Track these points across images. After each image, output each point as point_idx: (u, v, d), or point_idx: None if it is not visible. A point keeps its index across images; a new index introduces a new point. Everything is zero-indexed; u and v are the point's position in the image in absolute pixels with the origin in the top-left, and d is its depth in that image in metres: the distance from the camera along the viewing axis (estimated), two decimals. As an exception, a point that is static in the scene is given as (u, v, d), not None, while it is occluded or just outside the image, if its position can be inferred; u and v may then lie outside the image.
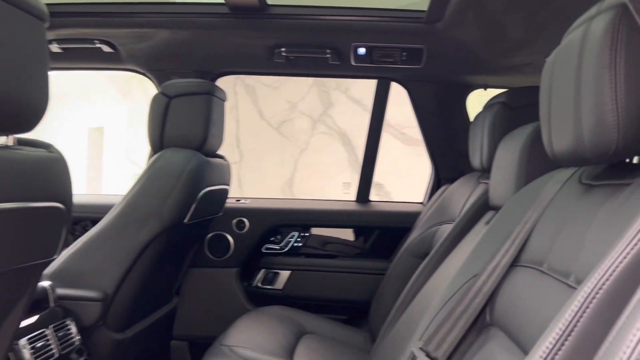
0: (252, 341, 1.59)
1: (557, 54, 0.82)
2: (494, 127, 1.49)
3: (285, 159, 5.81)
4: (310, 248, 2.14)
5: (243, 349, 1.52)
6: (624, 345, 0.42)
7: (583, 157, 0.74)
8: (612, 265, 0.54)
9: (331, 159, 5.47)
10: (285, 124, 5.88)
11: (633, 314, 0.43)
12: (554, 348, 0.54)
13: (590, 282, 0.55)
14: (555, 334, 0.55)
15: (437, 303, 1.06)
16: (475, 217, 1.38)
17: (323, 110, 5.63)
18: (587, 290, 0.54)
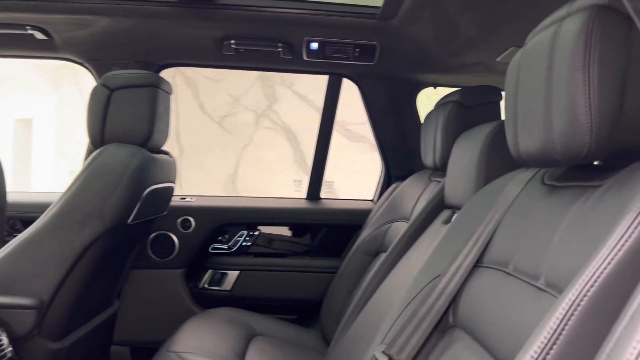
0: (201, 346, 1.53)
1: (524, 55, 0.82)
2: (448, 125, 1.49)
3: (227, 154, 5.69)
4: (259, 247, 2.09)
5: (191, 354, 1.45)
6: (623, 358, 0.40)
7: (552, 159, 0.74)
8: (595, 272, 0.53)
9: (276, 155, 5.41)
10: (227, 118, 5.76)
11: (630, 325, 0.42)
12: (539, 357, 0.53)
13: (575, 289, 0.53)
14: (540, 342, 0.53)
15: (399, 304, 1.04)
16: (431, 215, 1.38)
17: (267, 105, 5.56)
18: (571, 298, 0.53)
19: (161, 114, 1.58)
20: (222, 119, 5.73)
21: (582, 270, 0.55)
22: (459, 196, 1.22)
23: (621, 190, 0.63)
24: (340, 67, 1.87)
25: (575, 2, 0.73)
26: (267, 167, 5.49)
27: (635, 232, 0.52)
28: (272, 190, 5.25)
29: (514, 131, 0.84)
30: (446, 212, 1.33)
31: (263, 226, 2.09)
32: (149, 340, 1.97)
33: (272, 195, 5.33)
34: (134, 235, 1.73)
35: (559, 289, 0.66)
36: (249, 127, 5.69)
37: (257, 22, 1.64)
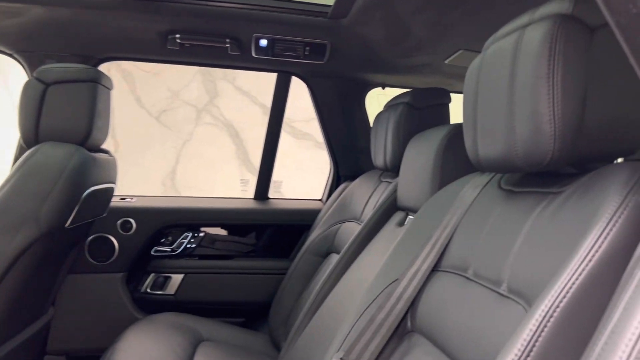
0: (145, 354, 1.46)
1: (485, 60, 0.82)
2: (399, 127, 1.49)
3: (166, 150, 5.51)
4: (204, 249, 2.02)
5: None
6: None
7: (514, 165, 0.74)
8: (567, 283, 0.53)
9: (218, 152, 5.30)
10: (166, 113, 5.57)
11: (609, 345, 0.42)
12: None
13: (547, 300, 0.54)
14: (514, 355, 0.53)
15: (356, 309, 1.03)
16: (384, 217, 1.38)
17: (208, 100, 5.42)
18: (543, 309, 0.53)
19: (101, 111, 1.49)
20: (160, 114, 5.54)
21: (553, 281, 0.55)
22: (413, 199, 1.23)
23: (583, 198, 0.64)
24: (289, 65, 1.84)
25: (538, 10, 0.73)
26: (208, 164, 5.36)
27: (605, 243, 0.53)
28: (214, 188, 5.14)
29: (473, 136, 0.84)
30: (399, 214, 1.33)
31: (208, 227, 2.02)
32: (86, 349, 1.87)
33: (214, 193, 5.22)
34: (71, 239, 1.63)
35: (522, 295, 0.66)
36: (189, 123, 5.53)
37: (204, 16, 1.58)
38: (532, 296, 0.64)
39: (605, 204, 0.56)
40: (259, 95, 5.22)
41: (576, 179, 0.70)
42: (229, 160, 5.28)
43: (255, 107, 5.27)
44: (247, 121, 5.31)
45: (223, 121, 5.38)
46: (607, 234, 0.53)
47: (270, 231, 2.09)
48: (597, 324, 0.49)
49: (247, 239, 2.08)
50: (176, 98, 5.51)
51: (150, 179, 5.35)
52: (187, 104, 5.51)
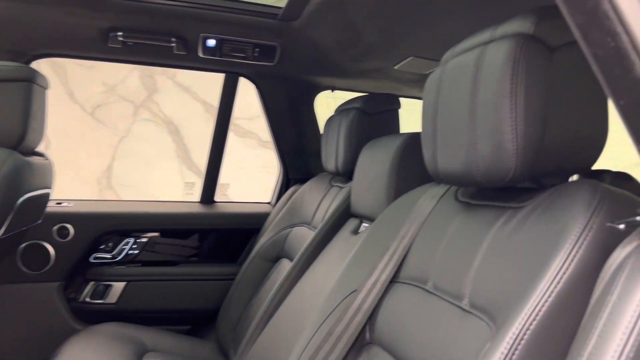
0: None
1: (445, 74, 0.82)
2: (350, 132, 1.49)
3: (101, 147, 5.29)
4: (148, 255, 1.94)
5: (77, 381, 1.31)
6: None
7: (474, 181, 0.75)
8: (537, 306, 0.54)
9: (156, 149, 5.13)
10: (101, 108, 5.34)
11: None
12: None
13: (517, 322, 0.54)
14: None
15: (314, 321, 1.01)
16: (338, 223, 1.37)
17: (147, 96, 5.24)
18: (514, 332, 0.54)
19: (36, 112, 1.39)
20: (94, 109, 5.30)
21: (522, 303, 0.55)
22: (368, 206, 1.23)
23: (546, 216, 0.65)
24: (238, 66, 1.79)
25: (499, 27, 0.74)
26: (146, 162, 5.19)
27: (572, 265, 0.54)
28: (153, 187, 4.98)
29: (433, 148, 0.85)
30: (353, 221, 1.33)
31: (152, 233, 1.95)
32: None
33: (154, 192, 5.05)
34: (3, 248, 1.52)
35: (485, 311, 0.67)
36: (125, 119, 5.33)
37: (148, 14, 1.51)
38: (495, 313, 0.64)
39: (570, 226, 0.57)
40: (201, 91, 5.10)
41: (535, 195, 0.72)
42: (169, 159, 5.13)
43: (197, 103, 5.14)
44: (187, 118, 5.17)
45: (162, 118, 5.22)
46: (574, 256, 0.54)
47: (217, 236, 2.04)
48: (567, 346, 0.50)
49: (193, 244, 2.02)
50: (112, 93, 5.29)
51: (84, 178, 5.12)
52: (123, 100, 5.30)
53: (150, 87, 5.25)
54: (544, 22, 0.68)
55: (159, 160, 5.14)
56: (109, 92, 5.27)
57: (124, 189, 5.16)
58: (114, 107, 5.29)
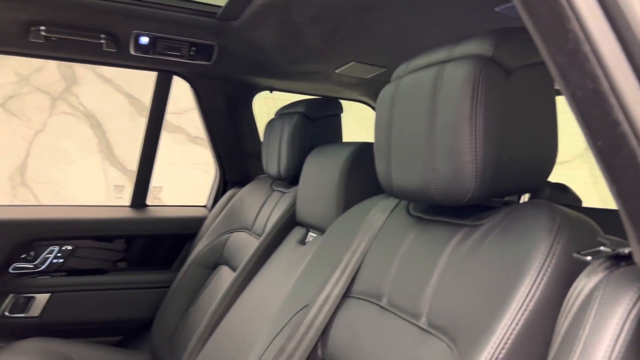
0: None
1: (400, 90, 0.82)
2: (294, 137, 1.47)
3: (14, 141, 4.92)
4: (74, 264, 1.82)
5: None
6: None
7: (431, 199, 0.75)
8: (506, 333, 0.54)
9: (76, 144, 4.85)
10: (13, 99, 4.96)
11: None
12: None
13: (487, 351, 0.55)
14: None
15: (264, 338, 0.99)
16: (283, 232, 1.35)
17: (65, 87, 4.93)
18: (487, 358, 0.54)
19: None
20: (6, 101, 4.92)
21: (490, 331, 0.56)
22: (316, 216, 1.21)
23: (506, 239, 0.66)
24: (172, 64, 1.71)
25: (457, 47, 0.74)
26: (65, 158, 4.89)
27: (538, 292, 0.55)
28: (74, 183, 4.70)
29: (387, 164, 0.84)
30: (299, 230, 1.31)
31: (79, 240, 1.83)
32: None
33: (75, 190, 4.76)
34: None
35: (446, 332, 0.67)
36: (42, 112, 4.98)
37: (74, 7, 1.40)
38: (455, 335, 0.65)
39: (533, 253, 0.58)
40: (125, 84, 4.86)
41: (490, 214, 0.73)
42: (90, 154, 4.86)
43: (120, 96, 4.90)
44: (110, 112, 4.92)
45: (83, 111, 4.93)
46: (539, 283, 0.55)
47: (150, 241, 1.95)
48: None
49: (124, 251, 1.92)
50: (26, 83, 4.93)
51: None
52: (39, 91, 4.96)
53: (69, 77, 4.94)
54: (503, 45, 0.69)
55: (79, 156, 4.86)
56: (23, 82, 4.90)
57: (40, 186, 4.84)
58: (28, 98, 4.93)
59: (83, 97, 4.93)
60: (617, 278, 0.47)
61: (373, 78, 1.73)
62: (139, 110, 4.89)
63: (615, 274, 0.48)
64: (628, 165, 0.41)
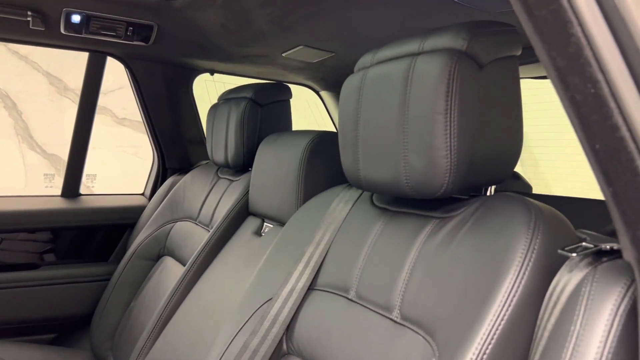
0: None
1: (367, 81, 0.80)
2: (242, 123, 1.43)
3: None
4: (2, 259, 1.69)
5: None
6: None
7: (402, 192, 0.75)
8: (491, 330, 0.55)
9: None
10: None
11: None
12: None
13: (474, 348, 0.55)
14: None
15: (225, 334, 0.96)
16: (235, 222, 1.31)
17: (-28, 64, 4.52)
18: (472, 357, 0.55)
19: None
20: None
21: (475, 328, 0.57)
22: (273, 207, 1.18)
23: (478, 230, 0.67)
24: (106, 45, 1.60)
25: (428, 40, 0.74)
26: (-22, 141, 4.51)
27: (520, 287, 0.56)
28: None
29: (354, 156, 0.84)
30: (253, 220, 1.28)
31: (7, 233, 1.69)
32: None
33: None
34: None
35: (421, 325, 0.68)
36: (-53, 91, 4.56)
37: None
38: (433, 328, 0.65)
39: (513, 248, 0.59)
40: (42, 61, 4.52)
41: (461, 207, 0.74)
42: (6, 137, 4.51)
43: (38, 75, 4.57)
44: (26, 91, 4.57)
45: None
46: (521, 279, 0.57)
47: (85, 233, 1.84)
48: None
49: (57, 244, 1.80)
50: None
51: None
52: (-58, 68, 4.52)
53: (-22, 54, 4.53)
54: (476, 39, 0.69)
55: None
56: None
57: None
58: None
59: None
60: (602, 273, 0.49)
61: (319, 62, 1.71)
62: (60, 90, 4.58)
63: (600, 269, 0.49)
64: (625, 169, 0.42)
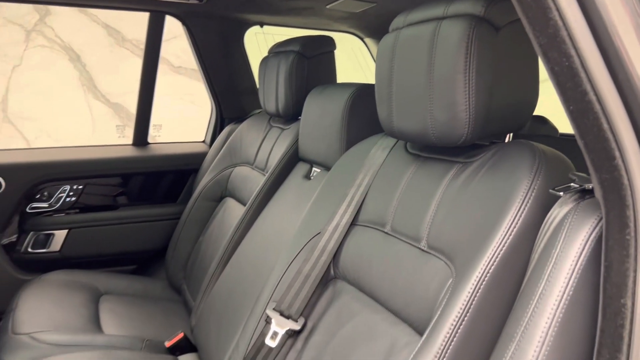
0: (50, 321, 1.43)
1: (400, 43, 0.91)
2: (291, 76, 1.55)
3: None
4: (87, 201, 1.93)
5: (46, 333, 1.36)
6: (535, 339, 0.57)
7: (429, 141, 0.87)
8: (494, 253, 0.68)
9: (57, 78, 4.78)
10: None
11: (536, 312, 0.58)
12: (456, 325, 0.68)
13: (479, 267, 0.69)
14: (456, 314, 0.68)
15: (281, 263, 1.13)
16: (287, 167, 1.47)
17: (39, 19, 4.78)
18: (477, 275, 0.69)
19: None
20: (-22, 35, 4.78)
21: (481, 251, 0.70)
22: (320, 154, 1.32)
23: (493, 175, 0.79)
24: (164, 5, 1.74)
25: (451, 5, 0.83)
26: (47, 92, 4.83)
27: (521, 219, 0.69)
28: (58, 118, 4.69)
29: (389, 109, 0.95)
30: (303, 165, 1.43)
31: (88, 179, 1.93)
32: None
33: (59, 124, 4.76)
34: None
35: (444, 252, 0.82)
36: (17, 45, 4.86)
37: None
38: (453, 254, 0.79)
39: (516, 188, 0.71)
40: (101, 13, 4.73)
41: (480, 152, 0.86)
42: (72, 88, 4.81)
43: (98, 27, 4.79)
44: (88, 43, 4.82)
45: (60, 44, 4.82)
46: (522, 212, 0.69)
47: (154, 177, 2.06)
48: (518, 285, 0.66)
49: (131, 187, 2.03)
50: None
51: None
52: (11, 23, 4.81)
53: (42, 8, 4.79)
54: (493, 5, 0.78)
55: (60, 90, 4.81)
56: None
57: (24, 122, 4.83)
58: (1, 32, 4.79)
59: (59, 29, 4.81)
60: (583, 208, 0.60)
61: (362, 12, 1.78)
62: (118, 41, 4.80)
63: (581, 205, 0.61)
64: (593, 125, 0.52)
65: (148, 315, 1.61)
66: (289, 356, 1.04)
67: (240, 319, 1.20)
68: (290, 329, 1.03)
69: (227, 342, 1.20)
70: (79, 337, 1.36)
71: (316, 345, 1.00)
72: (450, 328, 0.68)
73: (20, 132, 4.83)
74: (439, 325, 0.70)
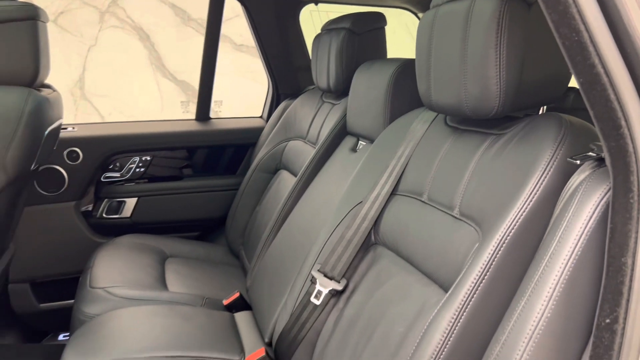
0: (122, 277, 1.59)
1: (438, 19, 0.95)
2: (341, 52, 1.61)
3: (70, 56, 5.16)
4: (154, 172, 2.09)
5: (117, 287, 1.52)
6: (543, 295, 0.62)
7: (463, 113, 0.92)
8: (515, 217, 0.73)
9: (128, 57, 5.04)
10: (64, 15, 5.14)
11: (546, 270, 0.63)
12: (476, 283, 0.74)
13: (501, 230, 0.74)
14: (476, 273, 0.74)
15: (326, 228, 1.21)
16: (336, 141, 1.54)
17: (112, 0, 5.04)
18: (498, 238, 0.74)
19: (43, 48, 1.46)
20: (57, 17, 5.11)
21: (503, 215, 0.75)
22: (366, 127, 1.39)
23: (522, 145, 0.83)
24: None
25: None
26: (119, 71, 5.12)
27: (542, 186, 0.73)
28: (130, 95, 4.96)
29: (427, 82, 1.00)
30: (350, 139, 1.50)
31: (155, 151, 2.08)
32: (49, 274, 1.96)
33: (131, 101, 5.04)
34: (30, 177, 1.65)
35: (473, 219, 0.87)
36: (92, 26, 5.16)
37: None
38: (481, 220, 0.84)
39: (540, 158, 0.75)
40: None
41: (513, 125, 0.89)
42: (142, 67, 5.07)
43: (165, 7, 5.00)
44: (157, 23, 5.04)
45: (131, 24, 5.07)
46: (543, 180, 0.73)
47: (215, 150, 2.19)
48: (535, 247, 0.71)
49: (194, 160, 2.17)
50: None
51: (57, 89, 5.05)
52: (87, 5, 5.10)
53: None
54: (524, -18, 0.81)
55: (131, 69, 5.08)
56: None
57: (99, 99, 5.14)
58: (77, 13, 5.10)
59: (130, 10, 5.05)
60: (596, 176, 0.64)
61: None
62: (184, 20, 5.00)
63: (596, 173, 0.65)
64: (600, 96, 0.56)
65: (208, 277, 1.75)
66: (332, 314, 1.13)
67: (289, 280, 1.30)
68: (333, 288, 1.11)
69: (277, 301, 1.31)
70: (146, 293, 1.51)
71: (356, 304, 1.08)
72: (471, 286, 0.74)
73: (96, 109, 5.16)
74: (461, 284, 0.76)
